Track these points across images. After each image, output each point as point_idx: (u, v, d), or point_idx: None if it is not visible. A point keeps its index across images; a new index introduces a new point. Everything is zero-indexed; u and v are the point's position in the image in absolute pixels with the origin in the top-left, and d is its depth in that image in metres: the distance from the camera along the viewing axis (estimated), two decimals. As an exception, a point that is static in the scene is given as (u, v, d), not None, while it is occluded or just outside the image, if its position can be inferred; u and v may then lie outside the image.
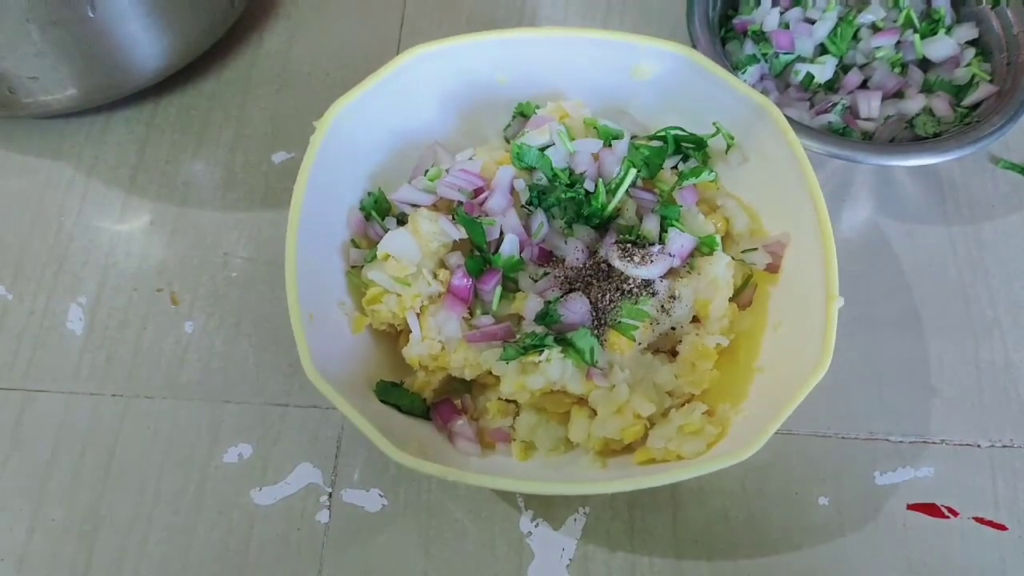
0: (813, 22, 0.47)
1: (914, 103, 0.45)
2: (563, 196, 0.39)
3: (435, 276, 0.38)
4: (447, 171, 0.40)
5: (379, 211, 0.40)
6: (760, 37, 0.46)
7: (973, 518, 0.39)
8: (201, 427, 0.40)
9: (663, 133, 0.41)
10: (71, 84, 0.43)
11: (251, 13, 0.50)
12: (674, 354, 0.38)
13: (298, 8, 0.52)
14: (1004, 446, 0.40)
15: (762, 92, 0.45)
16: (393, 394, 0.37)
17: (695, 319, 0.38)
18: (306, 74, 0.49)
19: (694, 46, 0.44)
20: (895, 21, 0.46)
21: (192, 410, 0.40)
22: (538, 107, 0.42)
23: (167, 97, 0.48)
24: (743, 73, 0.45)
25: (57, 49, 0.40)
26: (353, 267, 0.39)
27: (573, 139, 0.40)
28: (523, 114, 0.43)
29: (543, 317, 0.37)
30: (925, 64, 0.46)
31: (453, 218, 0.38)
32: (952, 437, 0.40)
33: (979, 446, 0.40)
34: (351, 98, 0.39)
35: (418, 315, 0.37)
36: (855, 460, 0.40)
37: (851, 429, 0.40)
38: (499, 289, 0.37)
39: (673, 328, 0.38)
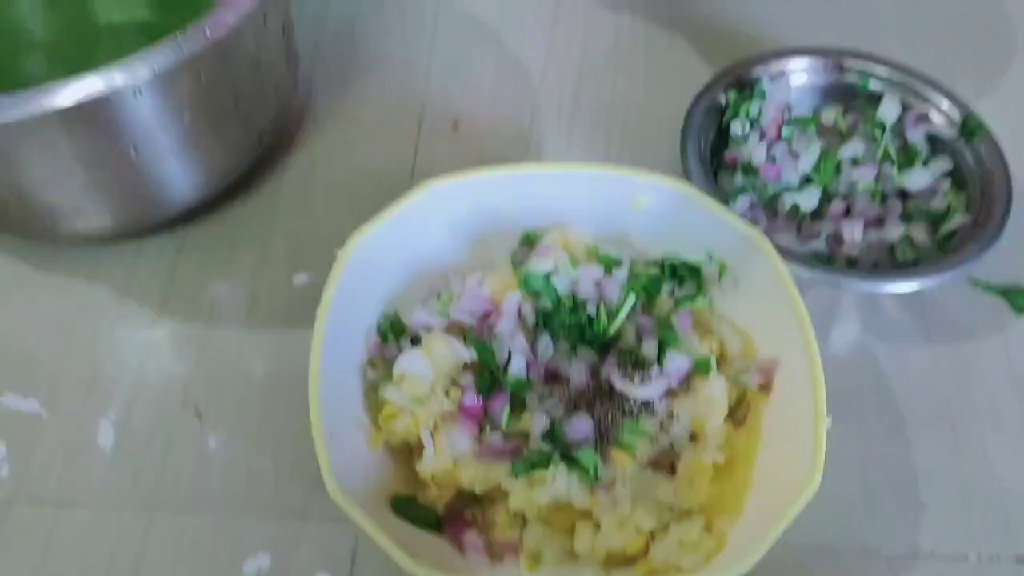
0: (798, 155, 0.50)
1: (895, 231, 0.48)
2: (567, 320, 0.42)
3: (447, 395, 0.40)
4: (458, 295, 0.43)
5: (395, 333, 0.43)
6: (749, 169, 0.50)
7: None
8: (223, 540, 0.41)
9: (660, 260, 0.45)
10: (109, 215, 0.46)
11: (276, 145, 0.54)
12: (673, 469, 0.40)
13: (319, 140, 0.56)
14: (991, 559, 0.42)
15: (753, 220, 0.49)
16: (408, 508, 0.39)
17: (693, 437, 0.40)
18: (325, 202, 0.53)
19: (688, 178, 0.48)
20: (874, 155, 0.50)
21: (214, 523, 0.42)
22: (543, 235, 0.46)
23: (196, 224, 0.51)
24: (735, 203, 0.49)
25: (100, 185, 0.44)
26: (370, 386, 0.42)
27: (576, 266, 0.43)
28: (529, 241, 0.46)
29: (549, 434, 0.39)
30: (904, 194, 0.50)
31: (464, 340, 0.41)
32: (942, 550, 0.42)
33: (968, 559, 0.42)
34: (369, 230, 0.42)
35: (432, 432, 0.40)
36: (849, 572, 0.41)
37: (843, 540, 0.42)
38: (507, 408, 0.40)
39: (672, 445, 0.40)
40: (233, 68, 0.44)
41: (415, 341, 0.43)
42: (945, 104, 0.51)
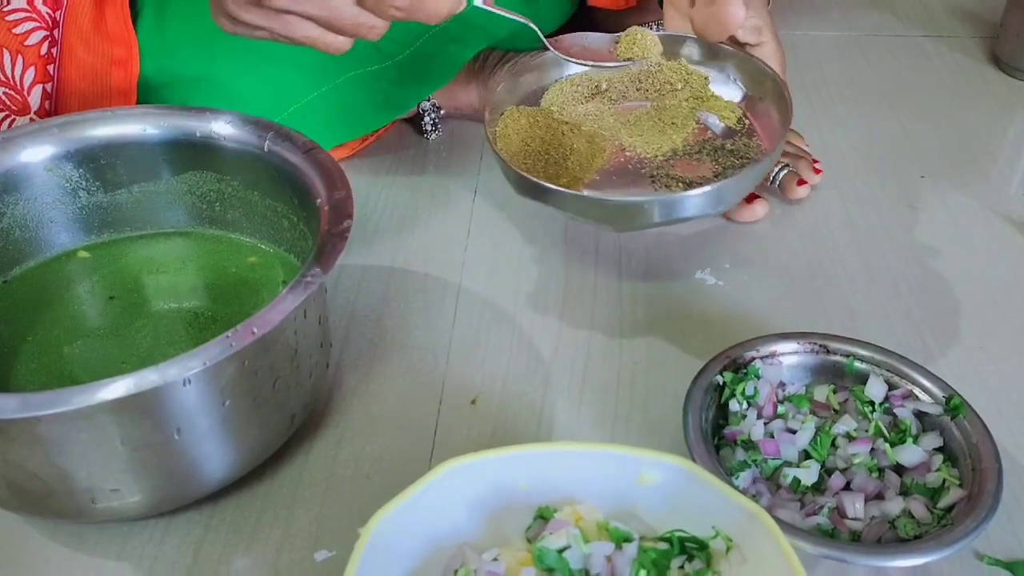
0: (794, 432, 0.53)
1: (894, 505, 0.50)
2: (580, 597, 0.43)
3: (463, 676, 0.40)
4: (475, 571, 0.44)
5: (412, 611, 0.44)
6: (749, 445, 0.53)
7: None
8: None
9: (669, 535, 0.46)
10: (144, 494, 0.48)
11: (305, 424, 0.58)
12: None
13: (344, 417, 0.59)
14: None
15: (755, 494, 0.51)
16: None
17: None
18: (349, 478, 0.56)
19: (691, 454, 0.51)
20: (866, 431, 0.53)
21: None
22: (556, 510, 0.48)
23: (224, 500, 0.54)
24: (736, 478, 0.51)
25: (140, 466, 0.47)
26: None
27: (588, 542, 0.45)
28: (543, 516, 0.48)
29: None
30: (900, 468, 0.52)
31: (480, 618, 0.42)
32: None
33: None
34: (390, 509, 0.44)
35: None
36: None
37: None
38: None
39: None
40: (274, 357, 0.49)
41: (432, 619, 0.43)
42: (927, 382, 0.54)
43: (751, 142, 0.66)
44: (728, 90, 0.70)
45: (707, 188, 0.58)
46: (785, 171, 0.76)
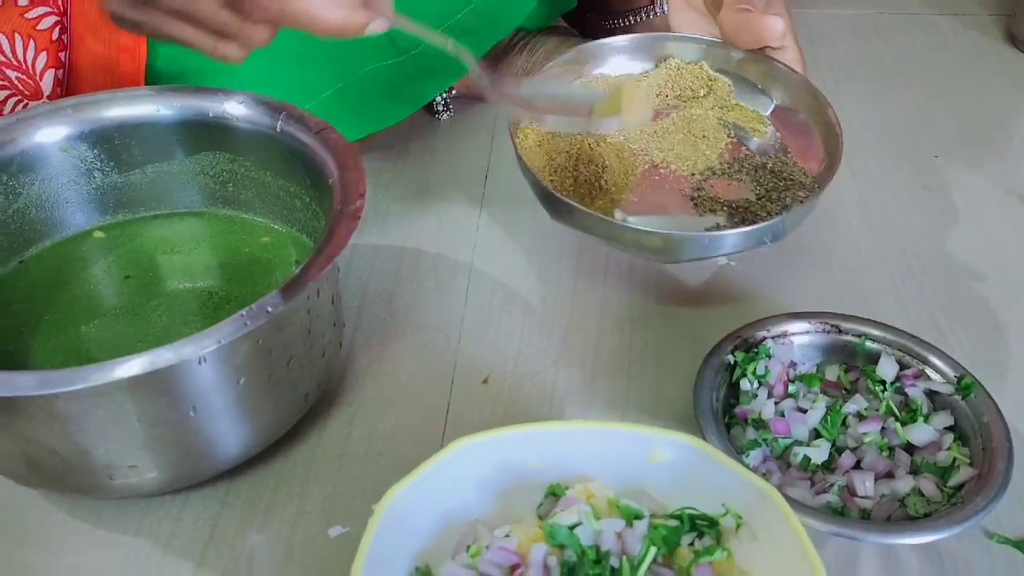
0: (805, 411, 0.53)
1: (904, 484, 0.50)
2: (591, 572, 0.43)
3: (476, 650, 0.41)
4: (487, 547, 0.45)
5: (425, 586, 0.45)
6: (760, 424, 0.53)
7: None
8: None
9: (679, 512, 0.47)
10: (161, 471, 0.49)
11: (318, 402, 0.58)
12: None
13: (358, 396, 0.60)
14: None
15: (766, 473, 0.51)
16: None
17: None
18: (362, 455, 0.56)
19: (702, 433, 0.51)
20: (877, 410, 0.53)
21: None
22: (567, 488, 0.48)
23: (240, 476, 0.55)
24: (747, 456, 0.51)
25: (156, 443, 0.47)
26: (400, 641, 0.43)
27: (599, 518, 0.45)
28: (554, 494, 0.48)
29: None
30: (911, 447, 0.52)
31: (493, 593, 0.43)
32: None
33: None
34: (403, 485, 0.45)
35: None
36: None
37: None
38: (535, 663, 0.40)
39: None
40: (288, 336, 0.49)
41: (445, 594, 0.44)
42: (939, 362, 0.54)
43: (787, 159, 0.63)
44: (753, 99, 0.66)
45: (772, 221, 0.55)
46: None
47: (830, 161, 0.61)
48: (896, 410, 0.53)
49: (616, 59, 0.68)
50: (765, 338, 0.56)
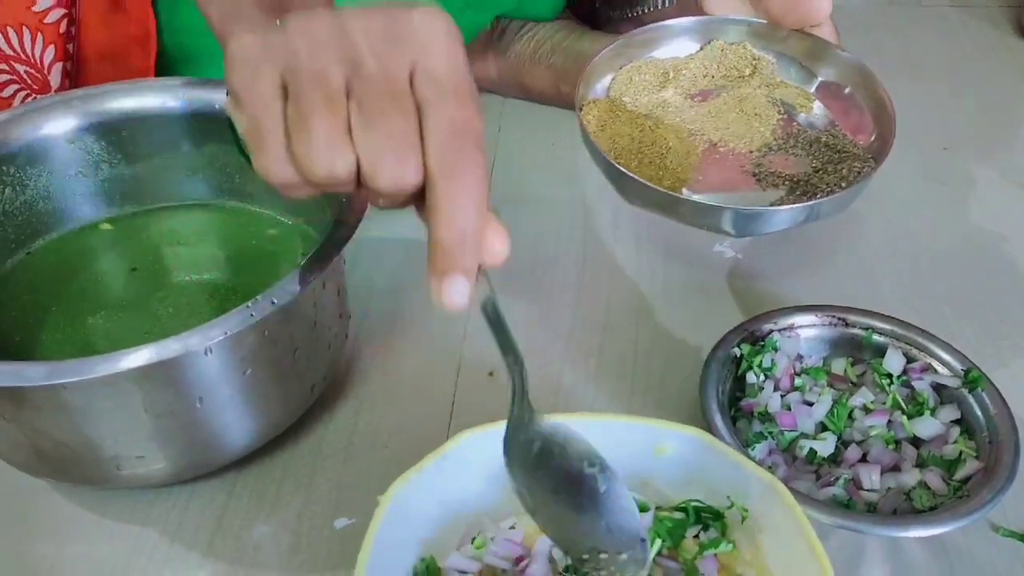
0: (811, 404, 0.53)
1: (910, 477, 0.50)
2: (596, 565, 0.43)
3: (481, 641, 0.41)
4: (492, 539, 0.45)
5: (430, 576, 0.45)
6: (766, 417, 0.53)
7: None
8: None
9: (684, 505, 0.47)
10: (169, 461, 0.49)
11: (325, 395, 0.59)
12: None
13: (364, 388, 0.60)
14: None
15: (772, 466, 0.51)
16: None
17: None
18: (368, 447, 0.56)
19: (708, 425, 0.51)
20: (884, 403, 0.53)
21: None
22: (573, 479, 0.48)
23: (247, 468, 0.55)
24: (753, 449, 0.51)
25: (163, 434, 0.48)
26: (406, 631, 0.43)
27: (605, 512, 0.45)
28: (559, 487, 0.48)
29: None
30: (917, 440, 0.52)
31: (498, 585, 0.43)
32: None
33: None
34: (408, 477, 0.45)
35: None
36: None
37: None
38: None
39: None
40: (294, 328, 0.49)
41: (450, 584, 0.44)
42: (946, 355, 0.54)
43: (838, 132, 0.63)
44: (798, 76, 0.67)
45: (847, 191, 0.57)
46: None
47: (882, 134, 0.62)
48: (903, 403, 0.53)
49: (665, 44, 0.68)
50: (772, 331, 0.56)
